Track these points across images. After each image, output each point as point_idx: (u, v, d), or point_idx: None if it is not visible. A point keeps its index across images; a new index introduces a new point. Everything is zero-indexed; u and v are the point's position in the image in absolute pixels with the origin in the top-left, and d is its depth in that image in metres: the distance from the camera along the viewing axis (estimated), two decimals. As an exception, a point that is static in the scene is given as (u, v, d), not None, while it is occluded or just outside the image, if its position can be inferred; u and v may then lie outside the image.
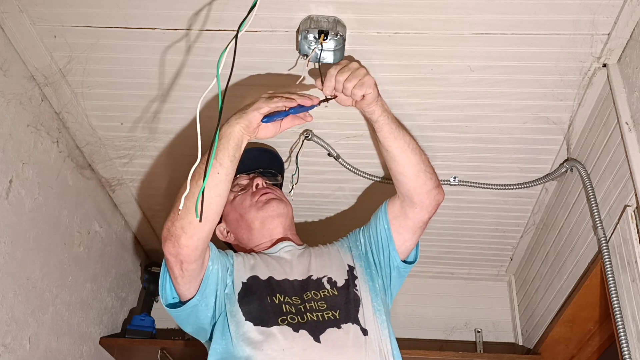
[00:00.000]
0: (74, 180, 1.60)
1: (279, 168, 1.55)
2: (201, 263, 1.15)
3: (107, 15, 1.23)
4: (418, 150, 1.23)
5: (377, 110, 1.16)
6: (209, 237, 1.12)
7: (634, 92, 1.18)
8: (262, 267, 1.24)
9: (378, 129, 1.19)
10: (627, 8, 1.12)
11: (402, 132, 1.20)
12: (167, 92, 1.42)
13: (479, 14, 1.16)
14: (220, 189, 1.08)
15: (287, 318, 1.14)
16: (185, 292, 1.17)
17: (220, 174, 1.07)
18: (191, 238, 1.08)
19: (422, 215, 1.28)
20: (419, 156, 1.23)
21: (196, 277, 1.16)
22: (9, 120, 1.31)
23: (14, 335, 1.34)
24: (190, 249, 1.09)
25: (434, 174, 1.26)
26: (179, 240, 1.08)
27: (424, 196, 1.25)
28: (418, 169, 1.22)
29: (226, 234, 1.42)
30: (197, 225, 1.06)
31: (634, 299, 1.15)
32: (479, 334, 2.02)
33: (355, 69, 1.12)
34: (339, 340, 1.11)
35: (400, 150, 1.20)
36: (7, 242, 1.31)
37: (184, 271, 1.12)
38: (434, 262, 2.02)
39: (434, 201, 1.27)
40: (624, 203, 1.20)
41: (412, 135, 1.23)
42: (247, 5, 1.07)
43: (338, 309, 1.17)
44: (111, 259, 1.84)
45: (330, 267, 1.26)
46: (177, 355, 1.81)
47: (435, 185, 1.26)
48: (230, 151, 1.08)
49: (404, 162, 1.22)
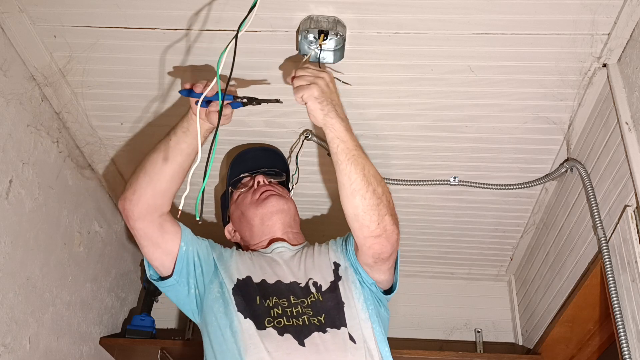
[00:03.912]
0: (74, 180, 1.60)
1: (283, 167, 1.55)
2: (154, 228, 1.22)
3: (107, 15, 1.23)
4: (362, 192, 1.11)
5: (328, 134, 1.11)
6: (154, 198, 1.20)
7: (634, 92, 1.18)
8: (257, 269, 1.27)
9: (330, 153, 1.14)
10: (627, 8, 1.12)
11: (350, 167, 1.10)
12: (167, 92, 1.42)
13: (479, 14, 1.16)
14: (168, 154, 1.19)
15: (273, 321, 1.15)
16: (159, 266, 1.26)
17: (172, 140, 1.19)
18: (134, 193, 1.20)
19: (366, 259, 1.20)
20: (361, 199, 1.11)
21: (156, 245, 1.23)
22: (9, 120, 1.31)
23: (14, 335, 1.34)
24: (133, 203, 1.20)
25: (378, 222, 1.12)
26: (124, 194, 1.22)
27: (362, 240, 1.16)
28: (355, 212, 1.13)
29: (233, 233, 1.47)
30: (140, 181, 1.20)
31: (634, 299, 1.15)
32: (479, 334, 2.02)
33: (313, 75, 1.11)
34: (323, 344, 1.11)
35: (341, 185, 1.13)
36: (7, 242, 1.31)
37: (135, 230, 1.22)
38: (434, 262, 2.02)
39: (370, 249, 1.16)
40: (624, 203, 1.20)
41: (367, 176, 1.12)
42: (247, 5, 1.08)
43: (324, 313, 1.17)
44: (111, 259, 1.84)
45: (318, 269, 1.26)
46: (177, 355, 1.81)
47: (376, 234, 1.13)
48: (180, 122, 1.20)
49: (342, 198, 1.14)
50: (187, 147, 1.19)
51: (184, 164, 1.20)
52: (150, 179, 1.20)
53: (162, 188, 1.20)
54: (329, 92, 1.12)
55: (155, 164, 1.20)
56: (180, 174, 1.21)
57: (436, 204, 1.72)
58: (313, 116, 1.12)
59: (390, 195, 1.17)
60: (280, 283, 1.23)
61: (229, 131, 1.50)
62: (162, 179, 1.20)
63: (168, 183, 1.20)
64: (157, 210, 1.22)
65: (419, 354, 1.77)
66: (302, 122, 1.49)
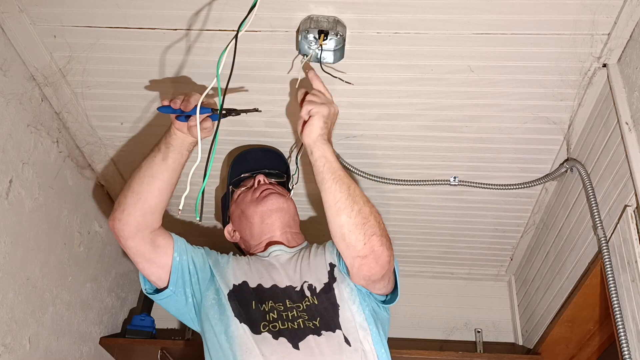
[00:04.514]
0: (74, 180, 1.60)
1: (284, 168, 1.55)
2: (146, 245, 1.22)
3: (107, 15, 1.23)
4: (347, 211, 1.11)
5: (315, 153, 1.14)
6: (143, 216, 1.20)
7: (634, 92, 1.18)
8: (254, 274, 1.27)
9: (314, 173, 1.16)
10: (627, 8, 1.12)
11: (335, 186, 1.12)
12: (167, 92, 1.42)
13: (479, 14, 1.17)
14: (154, 170, 1.19)
15: (269, 326, 1.15)
16: (156, 280, 1.26)
17: (157, 157, 1.19)
18: (122, 212, 1.19)
19: (357, 281, 1.19)
20: (346, 218, 1.11)
21: (150, 261, 1.23)
22: (9, 120, 1.31)
23: (14, 335, 1.34)
24: (123, 223, 1.19)
25: (364, 242, 1.11)
26: (113, 214, 1.21)
27: (350, 261, 1.15)
28: (341, 231, 1.12)
29: (233, 233, 1.47)
30: (129, 200, 1.19)
31: (634, 299, 1.15)
32: (479, 334, 2.02)
33: (327, 100, 1.18)
34: (318, 347, 1.11)
35: (326, 204, 1.14)
36: (7, 242, 1.31)
37: (127, 249, 1.22)
38: (434, 262, 2.02)
39: (359, 271, 1.15)
40: (624, 203, 1.20)
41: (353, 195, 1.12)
42: (247, 5, 1.08)
43: (318, 316, 1.17)
44: (111, 259, 1.84)
45: (313, 271, 1.25)
46: (177, 355, 1.81)
47: (362, 254, 1.11)
48: (164, 137, 1.20)
49: (328, 218, 1.15)
50: (173, 162, 1.19)
51: (170, 179, 1.20)
52: (138, 197, 1.19)
53: (150, 205, 1.20)
54: (331, 121, 1.18)
55: (142, 182, 1.19)
56: (167, 189, 1.21)
57: (436, 204, 1.72)
58: (310, 130, 1.14)
59: (379, 217, 1.15)
60: (276, 287, 1.23)
61: (229, 131, 1.50)
62: (150, 197, 1.19)
63: (156, 199, 1.20)
64: (148, 228, 1.22)
65: (419, 354, 1.77)
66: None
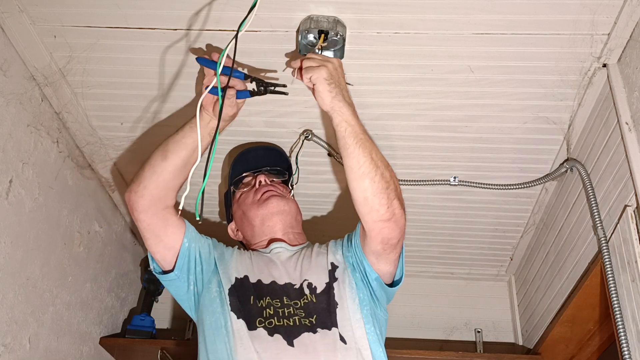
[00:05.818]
0: (74, 180, 1.60)
1: (285, 165, 1.55)
2: (158, 221, 1.23)
3: (107, 15, 1.23)
4: (371, 175, 1.12)
5: (335, 118, 1.12)
6: (157, 189, 1.22)
7: (634, 92, 1.18)
8: (255, 269, 1.27)
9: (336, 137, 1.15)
10: (627, 8, 1.12)
11: (358, 151, 1.11)
12: (167, 92, 1.42)
13: (479, 14, 1.16)
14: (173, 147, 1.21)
15: (265, 322, 1.16)
16: (160, 260, 1.27)
17: (178, 134, 1.22)
18: (139, 184, 1.22)
19: (374, 246, 1.19)
20: (370, 182, 1.12)
21: (158, 239, 1.25)
22: (9, 120, 1.31)
23: (14, 335, 1.34)
24: (138, 195, 1.22)
25: (387, 206, 1.13)
26: (130, 186, 1.24)
27: (371, 225, 1.17)
28: (364, 195, 1.13)
29: (236, 232, 1.48)
30: (145, 173, 1.22)
31: (634, 299, 1.15)
32: (479, 334, 2.02)
33: (322, 59, 1.14)
34: (312, 344, 1.11)
35: (349, 169, 1.13)
36: (7, 242, 1.31)
37: (139, 222, 1.24)
38: (434, 262, 2.02)
39: (379, 234, 1.16)
40: (624, 203, 1.20)
41: (375, 159, 1.13)
42: (247, 5, 1.08)
43: (315, 314, 1.17)
44: (111, 259, 1.84)
45: (314, 271, 1.26)
46: (177, 355, 1.81)
47: (385, 217, 1.14)
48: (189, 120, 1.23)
49: (351, 182, 1.14)
50: (192, 142, 1.20)
51: (187, 158, 1.21)
52: (154, 171, 1.21)
53: (164, 180, 1.21)
54: (337, 76, 1.14)
55: (159, 157, 1.22)
56: (183, 169, 1.22)
57: (436, 204, 1.72)
58: (321, 99, 1.12)
59: (397, 181, 1.17)
60: (275, 284, 1.23)
61: (229, 131, 1.50)
62: (165, 172, 1.21)
63: (171, 175, 1.22)
64: (161, 202, 1.23)
65: (419, 354, 1.77)
66: (302, 122, 1.49)
